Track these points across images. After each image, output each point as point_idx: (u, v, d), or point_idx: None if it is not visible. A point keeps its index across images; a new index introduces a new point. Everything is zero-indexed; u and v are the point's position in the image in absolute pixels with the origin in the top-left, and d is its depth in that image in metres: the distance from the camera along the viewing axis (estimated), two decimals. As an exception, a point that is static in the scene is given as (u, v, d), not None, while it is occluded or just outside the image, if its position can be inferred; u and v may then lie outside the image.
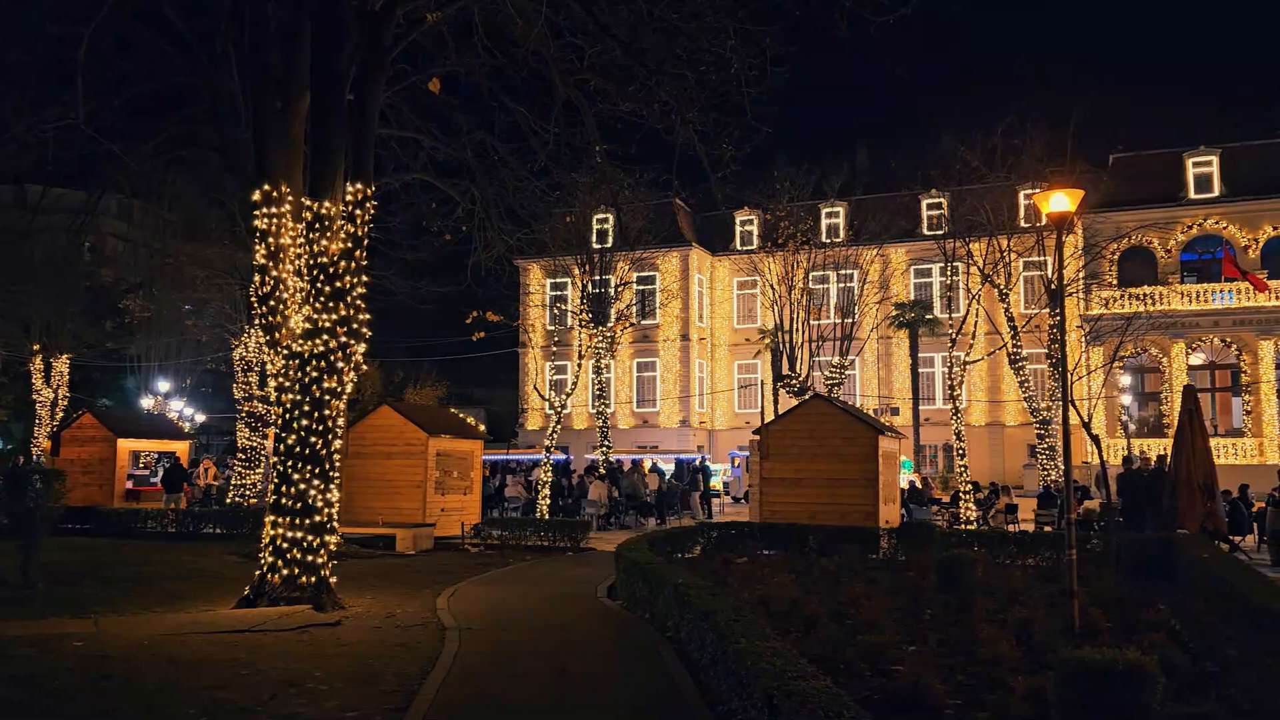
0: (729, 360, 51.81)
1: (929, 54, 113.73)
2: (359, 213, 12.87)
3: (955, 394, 26.39)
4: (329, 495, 12.69)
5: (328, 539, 12.65)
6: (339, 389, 12.77)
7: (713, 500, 32.84)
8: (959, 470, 25.30)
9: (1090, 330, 31.01)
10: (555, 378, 48.31)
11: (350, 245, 12.82)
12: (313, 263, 12.76)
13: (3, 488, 21.12)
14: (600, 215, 37.52)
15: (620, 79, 15.25)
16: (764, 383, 40.23)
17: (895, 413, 45.11)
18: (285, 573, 12.38)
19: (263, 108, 13.81)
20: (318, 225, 12.77)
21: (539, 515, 23.30)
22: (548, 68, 15.13)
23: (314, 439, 12.56)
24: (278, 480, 12.66)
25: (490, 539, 20.57)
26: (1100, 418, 36.76)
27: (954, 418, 26.02)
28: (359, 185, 12.92)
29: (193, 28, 15.13)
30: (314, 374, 12.59)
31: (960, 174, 31.56)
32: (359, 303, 12.92)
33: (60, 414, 31.29)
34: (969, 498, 24.01)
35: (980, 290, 30.23)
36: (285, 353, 12.96)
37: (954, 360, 26.95)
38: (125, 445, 25.75)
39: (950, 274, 32.07)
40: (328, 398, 12.65)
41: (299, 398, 12.60)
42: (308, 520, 12.47)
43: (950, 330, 28.05)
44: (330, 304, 12.65)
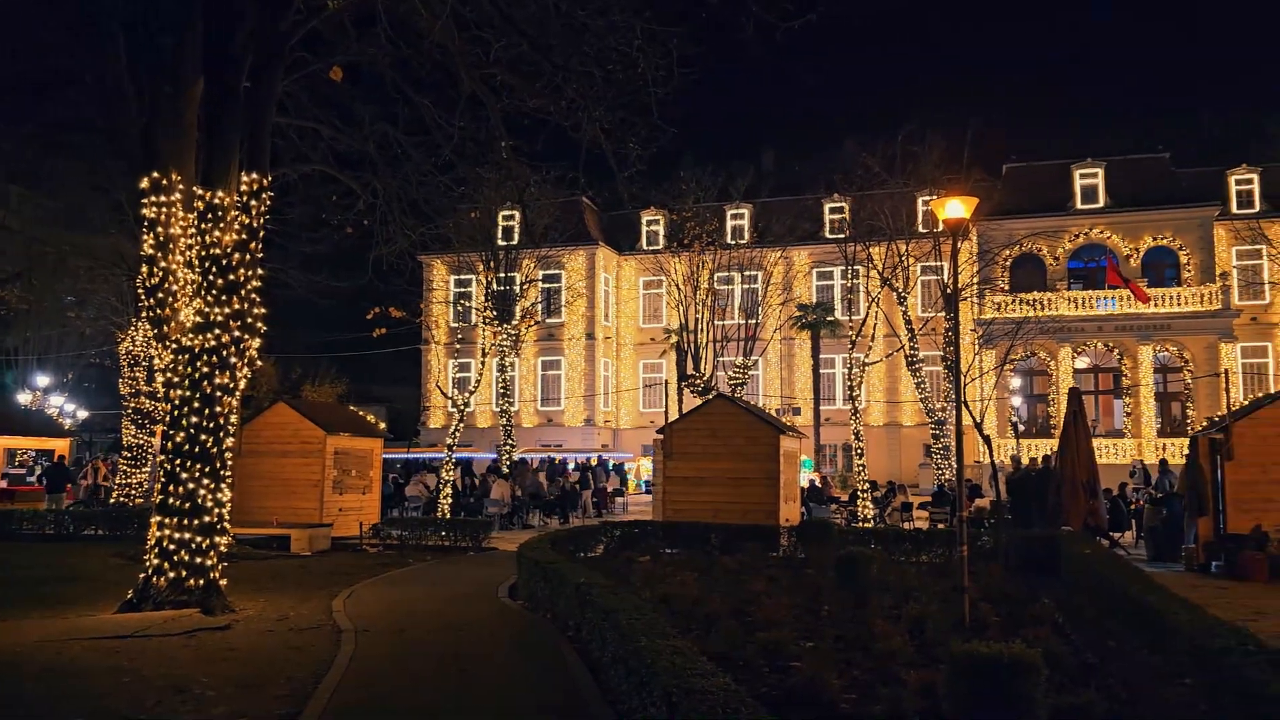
0: (634, 359, 51.96)
1: (834, 62, 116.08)
2: (254, 203, 12.47)
3: (855, 395, 26.95)
4: (220, 495, 12.27)
5: (218, 540, 12.23)
6: (231, 385, 12.35)
7: (617, 498, 32.91)
8: (858, 469, 25.84)
9: (983, 334, 32.07)
10: (459, 375, 47.79)
11: (245, 237, 12.41)
12: (205, 254, 12.31)
13: None
14: (506, 212, 37.23)
15: (527, 74, 15.12)
16: (669, 382, 40.42)
17: (797, 413, 45.87)
18: (172, 575, 11.93)
19: (153, 92, 13.29)
20: (210, 215, 12.33)
21: (440, 515, 22.97)
22: (453, 61, 14.90)
23: (204, 437, 12.13)
24: (165, 479, 12.19)
25: (390, 539, 20.20)
26: (992, 418, 38.02)
27: (853, 418, 26.56)
28: (255, 175, 12.52)
29: (80, 5, 14.48)
30: (205, 369, 12.15)
31: (862, 179, 32.31)
32: (254, 296, 12.52)
33: (-71, 409, 29.59)
34: (866, 496, 24.55)
35: (880, 293, 30.98)
36: (174, 347, 12.48)
37: (854, 361, 27.53)
38: (0, 442, 24.48)
39: (851, 277, 32.78)
40: (219, 394, 12.23)
41: (188, 394, 12.15)
42: (196, 521, 12.03)
43: (851, 332, 28.63)
44: (223, 297, 12.23)
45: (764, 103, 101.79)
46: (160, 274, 12.93)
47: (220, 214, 12.35)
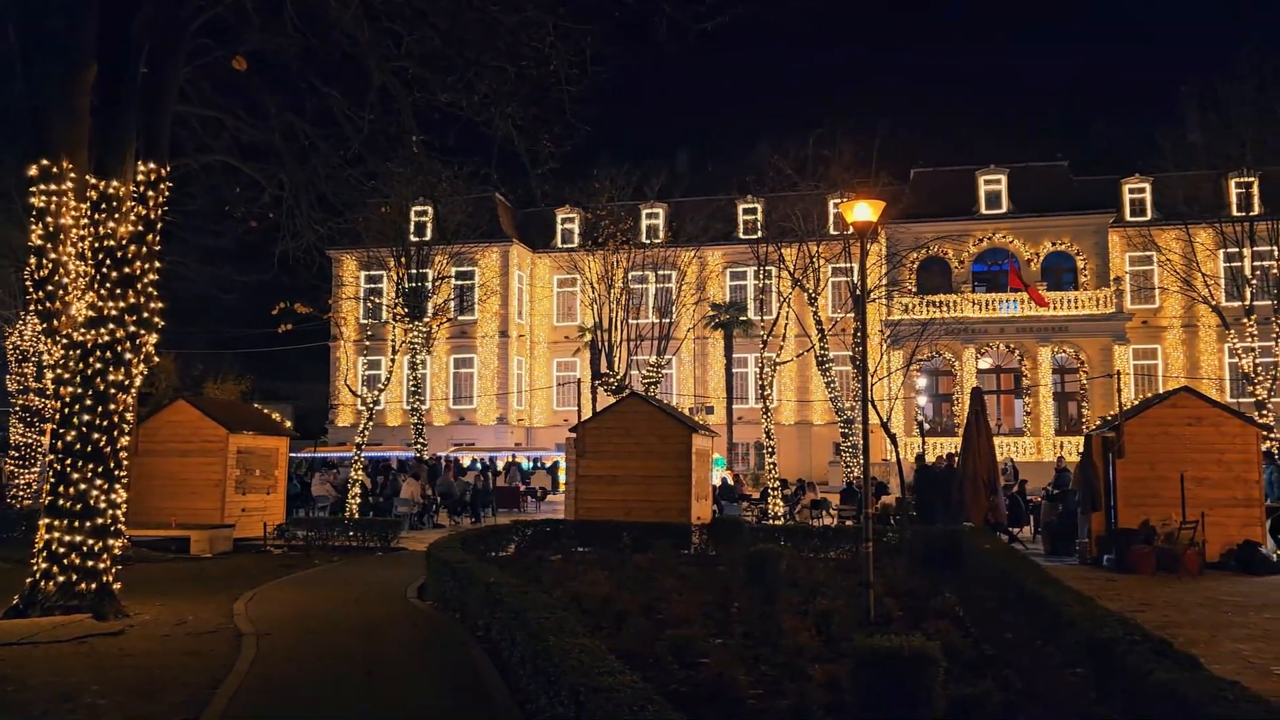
0: (548, 358, 51.76)
1: (747, 65, 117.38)
2: (152, 194, 12.04)
3: (766, 394, 27.28)
4: (114, 496, 11.81)
5: (111, 543, 11.77)
6: (127, 382, 11.91)
7: (547, 497, 32.78)
8: (769, 467, 26.17)
9: (890, 334, 32.78)
10: (368, 373, 46.93)
11: (142, 228, 11.98)
12: (98, 246, 11.84)
13: None
14: (418, 207, 36.74)
15: (439, 68, 14.88)
16: (582, 381, 40.42)
17: (710, 411, 46.26)
18: (61, 579, 11.44)
19: (43, 75, 12.69)
20: (105, 205, 11.86)
21: (348, 515, 22.54)
22: (363, 52, 14.60)
23: (97, 435, 11.66)
24: (55, 480, 11.68)
25: (295, 540, 19.74)
26: (899, 417, 38.91)
27: (764, 416, 26.89)
28: (152, 164, 12.08)
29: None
30: (98, 365, 11.69)
31: (774, 181, 32.71)
32: (151, 290, 12.09)
33: None
34: (777, 494, 24.88)
35: (791, 294, 31.43)
36: (65, 342, 11.97)
37: (765, 361, 27.86)
38: (-124, 442, 23.21)
39: (763, 277, 33.16)
40: (113, 391, 11.77)
41: (80, 391, 11.67)
42: (89, 523, 11.56)
43: (763, 332, 28.98)
44: (118, 290, 11.78)
45: (679, 104, 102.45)
46: (50, 266, 12.37)
47: (115, 204, 11.89)
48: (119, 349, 11.78)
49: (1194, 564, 15.50)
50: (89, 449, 11.62)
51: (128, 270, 11.84)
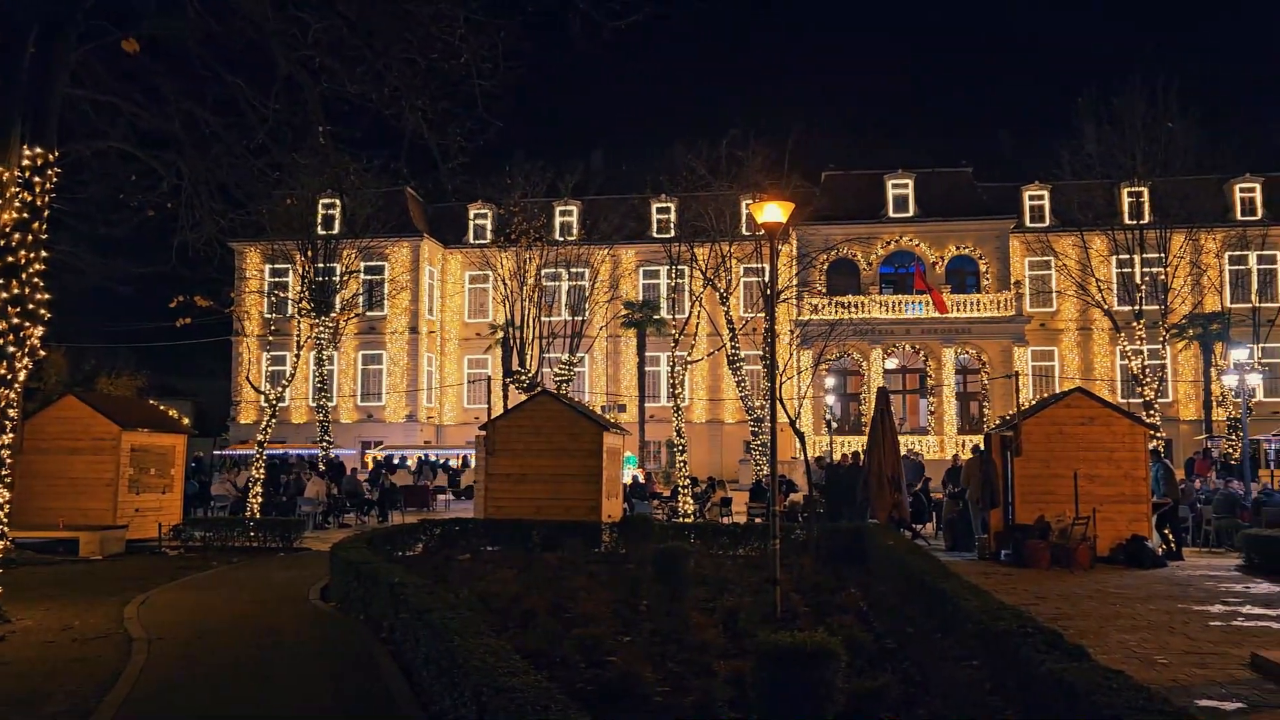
0: (459, 354, 51.17)
1: (662, 65, 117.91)
2: (38, 180, 11.52)
3: (677, 392, 27.42)
4: (-5, 495, 11.28)
5: (-8, 545, 11.24)
6: (9, 376, 11.37)
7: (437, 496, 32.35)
8: (679, 465, 26.30)
9: (800, 334, 33.25)
10: (273, 369, 45.77)
11: (27, 215, 11.45)
12: (-20, 233, 11.28)
13: None
14: (326, 200, 35.91)
15: (348, 59, 14.53)
16: (494, 378, 40.01)
17: (622, 409, 46.31)
18: (-63, 584, 10.88)
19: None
20: (-13, 191, 11.31)
21: (250, 514, 21.92)
22: (268, 40, 14.17)
23: (-23, 432, 11.12)
24: (-70, 479, 11.11)
25: (193, 541, 19.14)
26: (808, 416, 39.53)
27: (676, 415, 27.03)
28: (39, 150, 11.57)
29: None
30: (-21, 359, 11.14)
31: (688, 181, 32.91)
32: (37, 280, 11.57)
33: None
34: (687, 492, 25.02)
35: (703, 293, 31.64)
36: (-57, 334, 11.37)
37: (677, 359, 28.00)
38: None
39: (676, 276, 33.31)
40: (-4, 386, 11.23)
41: (-41, 385, 11.11)
42: (-33, 524, 11.01)
43: (675, 330, 29.11)
44: (0, 281, 11.23)
45: (596, 103, 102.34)
46: (-73, 253, 11.74)
47: (-2, 190, 11.34)
48: (1, 342, 11.23)
49: (1086, 558, 16.09)
50: (-32, 447, 11.07)
51: (11, 259, 11.31)
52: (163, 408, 22.48)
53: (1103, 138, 35.53)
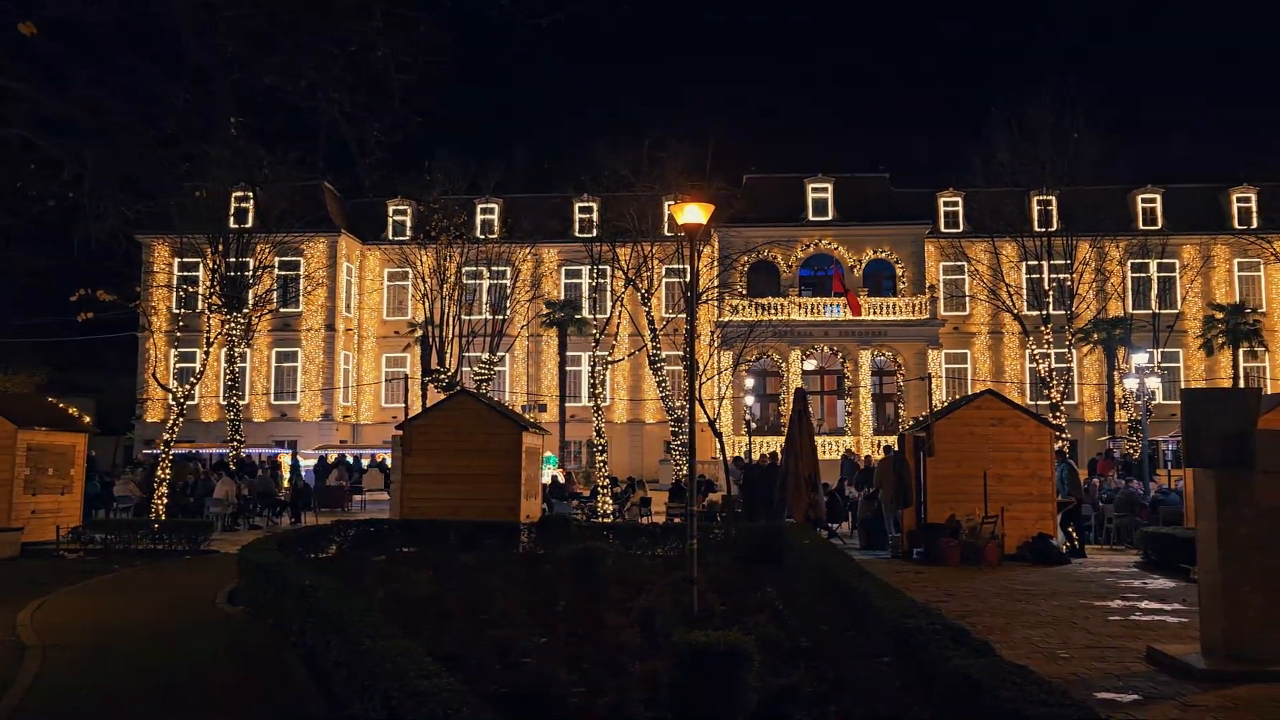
0: (377, 353, 50.33)
1: (586, 64, 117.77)
2: (-72, 166, 10.97)
3: (598, 392, 27.41)
4: (-123, 497, 10.72)
5: (-126, 549, 10.68)
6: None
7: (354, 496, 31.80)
8: (599, 465, 26.28)
9: (720, 335, 33.50)
10: (181, 366, 44.51)
11: (-85, 203, 10.89)
12: None
13: None
14: (239, 193, 35.00)
15: (261, 49, 14.17)
16: (412, 377, 39.49)
17: (543, 409, 46.08)
18: None
19: None
20: None
21: (155, 516, 21.24)
22: (178, 26, 13.73)
23: None
24: None
25: (94, 543, 18.47)
26: (727, 416, 39.86)
27: (596, 415, 27.01)
28: (-71, 134, 11.01)
29: None
30: None
31: (610, 181, 32.91)
32: (-74, 271, 11.02)
33: None
34: (607, 492, 25.02)
35: (625, 293, 31.70)
36: None
37: (598, 359, 27.98)
38: None
39: (598, 276, 33.29)
40: (-121, 382, 10.67)
41: None
42: None
43: (596, 330, 29.09)
44: (-114, 271, 10.69)
45: (517, 100, 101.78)
46: None
47: (-117, 176, 10.77)
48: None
49: (994, 556, 16.53)
50: None
51: (-102, 249, 10.76)
52: (63, 405, 21.66)
53: (1014, 146, 36.58)
